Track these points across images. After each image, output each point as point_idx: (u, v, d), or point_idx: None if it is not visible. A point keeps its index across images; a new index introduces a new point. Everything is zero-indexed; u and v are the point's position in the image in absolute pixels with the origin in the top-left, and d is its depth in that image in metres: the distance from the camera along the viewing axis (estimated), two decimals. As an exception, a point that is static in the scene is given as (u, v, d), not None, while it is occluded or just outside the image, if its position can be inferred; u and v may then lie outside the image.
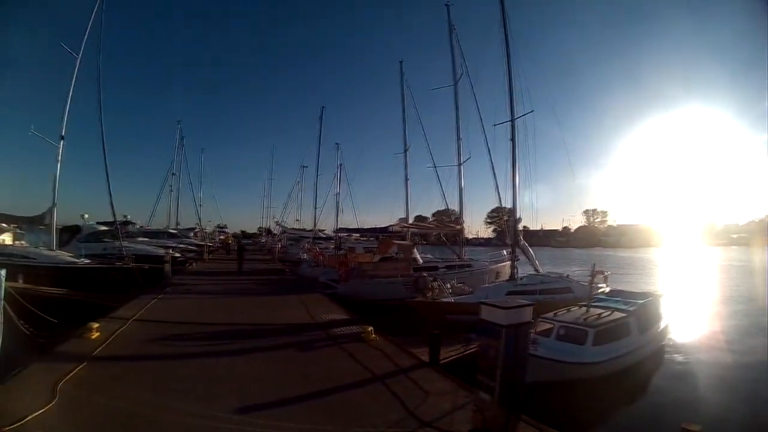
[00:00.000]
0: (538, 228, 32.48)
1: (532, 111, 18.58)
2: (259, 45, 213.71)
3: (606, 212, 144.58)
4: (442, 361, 8.40)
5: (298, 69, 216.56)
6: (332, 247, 35.43)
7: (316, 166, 48.81)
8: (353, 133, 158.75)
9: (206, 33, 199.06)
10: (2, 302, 8.43)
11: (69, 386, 6.43)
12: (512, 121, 18.46)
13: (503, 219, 30.78)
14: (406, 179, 31.31)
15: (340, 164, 48.46)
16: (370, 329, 9.96)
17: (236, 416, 5.45)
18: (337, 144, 50.42)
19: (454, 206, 28.02)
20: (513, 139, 18.50)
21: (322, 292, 17.81)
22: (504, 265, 22.85)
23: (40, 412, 5.48)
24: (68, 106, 21.05)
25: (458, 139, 26.13)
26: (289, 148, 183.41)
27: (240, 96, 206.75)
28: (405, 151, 31.66)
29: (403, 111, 31.86)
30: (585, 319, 10.52)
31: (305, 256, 34.18)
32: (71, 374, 6.92)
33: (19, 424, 5.11)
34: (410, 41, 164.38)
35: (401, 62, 32.93)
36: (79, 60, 21.37)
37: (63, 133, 20.86)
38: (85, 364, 7.47)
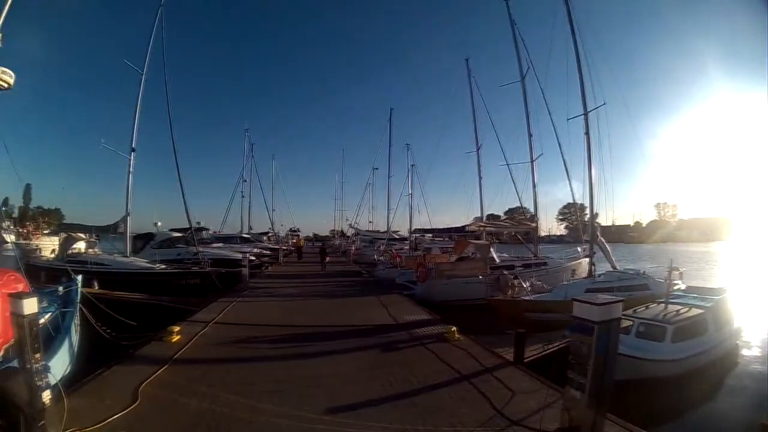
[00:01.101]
0: (610, 224, 31.01)
1: (604, 104, 18.14)
2: (326, 49, 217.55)
3: (675, 206, 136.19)
4: (525, 360, 8.32)
5: (366, 71, 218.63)
6: (406, 248, 35.88)
7: (388, 168, 49.01)
8: (424, 133, 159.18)
9: (272, 39, 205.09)
10: (77, 306, 8.53)
11: (151, 388, 6.42)
12: (585, 114, 18.24)
13: (577, 215, 30.46)
14: (480, 177, 31.20)
15: (412, 165, 47.97)
16: (453, 329, 9.80)
17: (326, 417, 5.41)
18: (407, 145, 50.16)
19: (526, 204, 27.90)
20: (587, 133, 18.21)
21: (400, 293, 17.68)
22: (579, 263, 22.64)
23: (122, 413, 5.45)
24: (137, 119, 22.44)
25: (529, 135, 25.77)
26: (360, 150, 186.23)
27: (309, 101, 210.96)
28: (477, 149, 31.30)
29: (473, 109, 31.45)
30: (663, 315, 10.43)
31: (381, 257, 34.21)
32: (153, 377, 6.89)
33: (100, 425, 5.10)
34: (474, 39, 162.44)
35: (467, 60, 32.62)
36: (144, 76, 22.69)
37: (134, 146, 22.30)
38: (166, 366, 7.48)
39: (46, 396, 4.75)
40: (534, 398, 5.97)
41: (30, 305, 4.95)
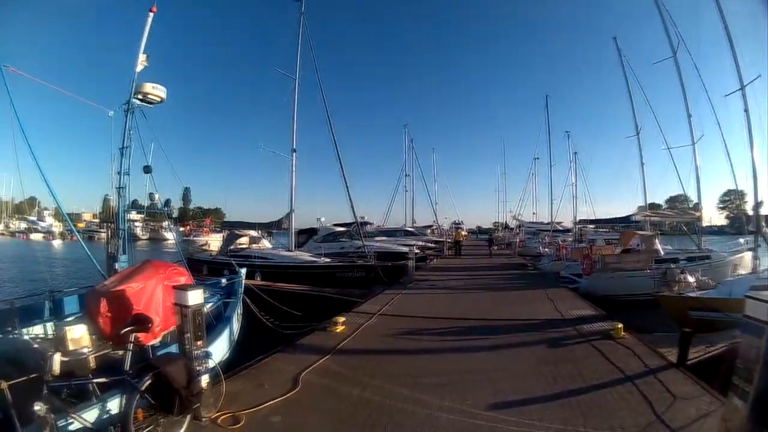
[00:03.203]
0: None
1: (759, 76, 16.64)
2: (479, 41, 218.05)
3: None
4: (688, 362, 7.76)
5: (519, 58, 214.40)
6: (570, 239, 35.46)
7: (548, 157, 48.05)
8: (580, 119, 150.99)
9: (425, 34, 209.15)
10: (240, 297, 8.96)
11: (312, 376, 6.63)
12: (742, 88, 17.07)
13: (739, 203, 28.29)
14: (641, 164, 29.46)
15: (575, 153, 47.11)
16: (619, 326, 9.44)
17: (488, 412, 5.39)
18: (566, 132, 49.42)
19: (689, 191, 25.65)
20: (747, 110, 16.96)
21: (566, 287, 17.39)
22: (741, 257, 20.78)
23: (280, 399, 5.70)
24: (295, 122, 24.41)
25: (689, 116, 23.71)
26: (520, 140, 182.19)
27: (465, 93, 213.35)
28: (637, 133, 29.44)
29: (628, 90, 29.47)
30: None
31: (546, 249, 33.92)
32: (315, 365, 7.10)
33: (255, 409, 5.34)
34: (618, 16, 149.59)
35: (615, 39, 30.63)
36: (297, 81, 24.52)
37: (294, 147, 24.32)
38: (329, 356, 7.68)
39: (204, 380, 5.06)
40: (694, 405, 5.71)
41: (193, 296, 5.36)
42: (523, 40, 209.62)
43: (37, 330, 7.05)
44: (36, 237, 71.96)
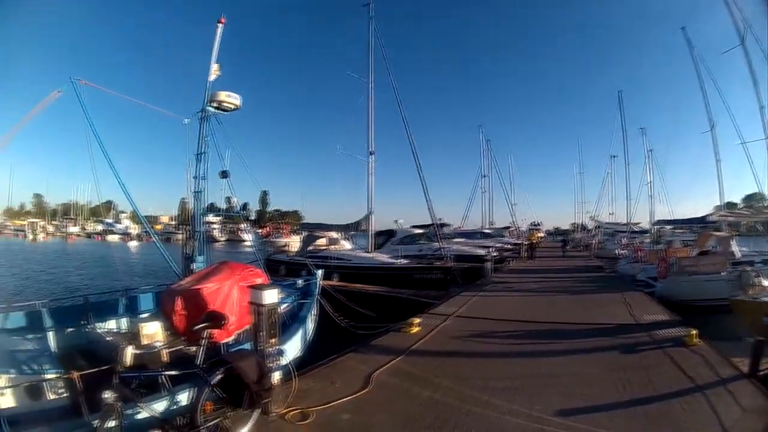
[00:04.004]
0: None
1: None
2: (552, 39, 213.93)
3: None
4: (759, 372, 7.43)
5: (592, 54, 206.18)
6: (647, 241, 34.74)
7: (625, 155, 46.72)
8: (653, 115, 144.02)
9: (500, 35, 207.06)
10: (315, 298, 9.15)
11: (384, 376, 6.73)
12: None
13: None
14: (717, 161, 28.59)
15: (650, 150, 45.56)
16: (693, 332, 9.19)
17: (556, 418, 5.37)
18: (641, 129, 47.62)
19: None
20: None
21: (642, 291, 16.97)
22: None
23: (351, 397, 5.81)
24: (371, 124, 24.78)
25: (760, 107, 22.35)
26: (596, 138, 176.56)
27: (540, 93, 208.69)
28: (711, 128, 28.34)
29: (700, 83, 28.29)
30: None
31: (623, 251, 33.29)
32: (387, 365, 7.20)
33: (325, 406, 5.45)
34: (685, 3, 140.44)
35: (683, 29, 29.49)
36: (370, 83, 24.93)
37: (371, 149, 24.62)
38: (402, 356, 7.76)
39: (275, 377, 5.23)
40: (763, 420, 5.58)
41: (269, 295, 5.53)
42: (596, 36, 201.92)
43: (111, 325, 7.56)
44: (112, 238, 76.28)
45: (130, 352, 4.03)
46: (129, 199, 10.40)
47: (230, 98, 11.66)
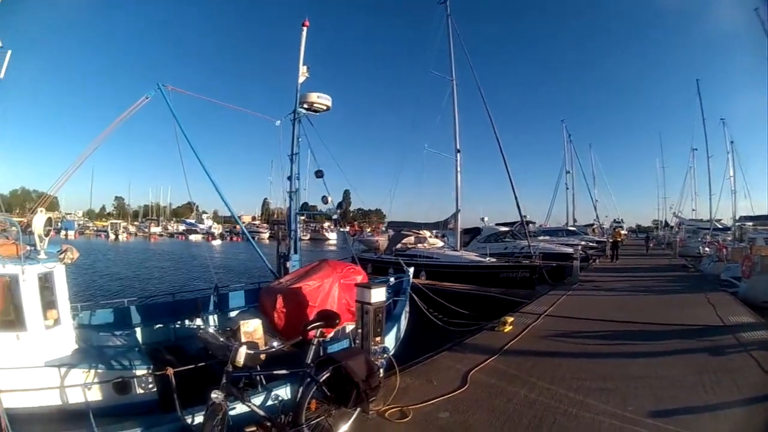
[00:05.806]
0: None
1: None
2: (629, 33, 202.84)
3: None
4: None
5: (663, 48, 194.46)
6: (729, 239, 32.87)
7: (705, 148, 43.49)
8: (735, 105, 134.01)
9: (582, 31, 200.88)
10: (408, 295, 9.35)
11: (480, 375, 6.86)
12: None
13: None
14: None
15: (731, 142, 43.59)
16: None
17: (648, 420, 5.39)
18: (722, 120, 45.18)
19: None
20: None
21: (726, 291, 16.59)
22: None
23: (449, 395, 5.90)
24: (457, 123, 24.64)
25: None
26: (676, 131, 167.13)
27: (623, 85, 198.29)
28: None
29: None
30: None
31: (706, 249, 32.25)
32: (483, 364, 7.31)
33: (424, 404, 5.58)
34: None
35: (757, 10, 26.64)
36: (454, 81, 24.79)
37: (458, 147, 24.46)
38: (497, 355, 7.86)
39: (381, 374, 5.40)
40: None
41: (377, 294, 5.80)
42: (673, 27, 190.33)
43: (199, 322, 8.10)
44: (195, 238, 79.03)
45: (243, 352, 4.04)
46: (223, 200, 10.78)
47: (321, 99, 11.98)
